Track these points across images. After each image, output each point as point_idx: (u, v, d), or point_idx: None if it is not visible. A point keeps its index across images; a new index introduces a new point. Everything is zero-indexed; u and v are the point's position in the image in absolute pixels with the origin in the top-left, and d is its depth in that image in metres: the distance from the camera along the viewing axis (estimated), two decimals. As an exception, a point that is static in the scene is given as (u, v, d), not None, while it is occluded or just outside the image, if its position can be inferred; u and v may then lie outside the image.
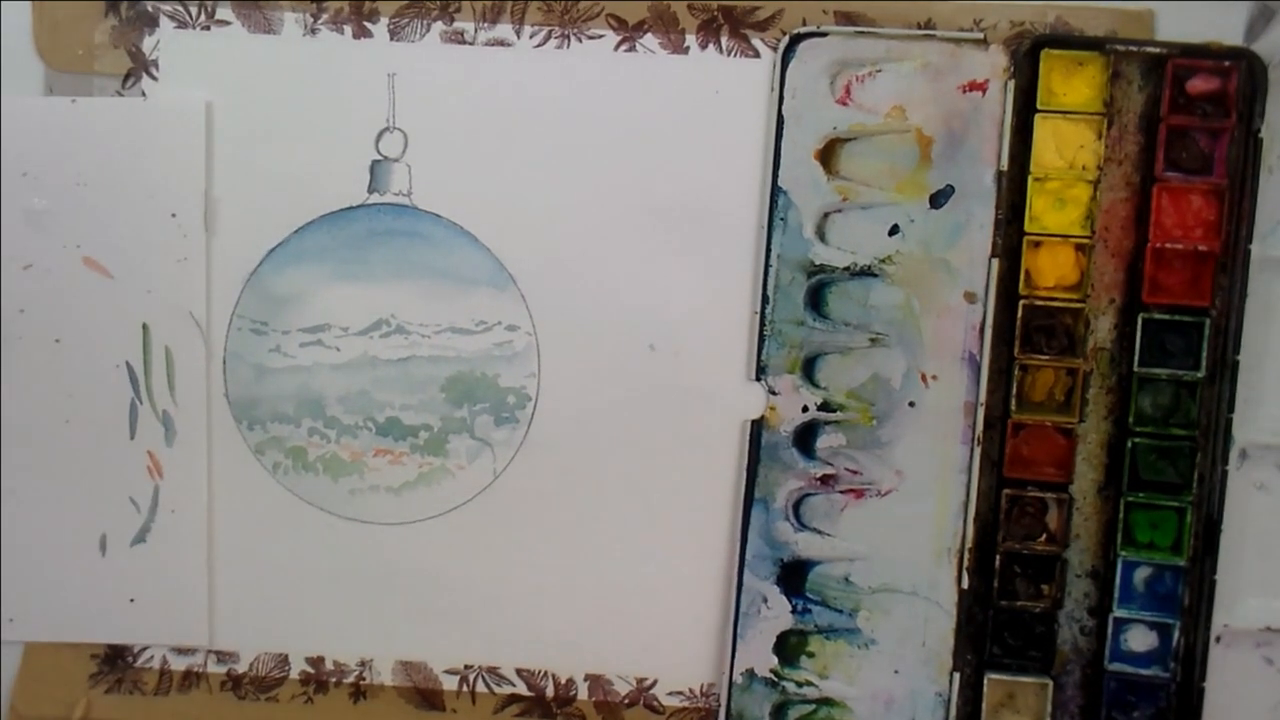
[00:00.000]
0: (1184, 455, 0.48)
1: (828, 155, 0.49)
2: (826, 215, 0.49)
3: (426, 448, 0.50)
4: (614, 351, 0.50)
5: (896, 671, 0.50)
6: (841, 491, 0.49)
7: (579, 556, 0.50)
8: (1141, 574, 0.48)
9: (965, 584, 0.49)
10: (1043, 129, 0.48)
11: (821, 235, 0.49)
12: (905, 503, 0.49)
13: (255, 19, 0.49)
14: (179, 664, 0.51)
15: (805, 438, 0.49)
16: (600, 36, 0.49)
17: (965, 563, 0.49)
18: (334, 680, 0.51)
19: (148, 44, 0.49)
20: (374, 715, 0.51)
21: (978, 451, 0.49)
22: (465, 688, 0.51)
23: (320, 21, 0.49)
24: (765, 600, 0.50)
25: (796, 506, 0.50)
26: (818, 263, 0.49)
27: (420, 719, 0.51)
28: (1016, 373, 0.48)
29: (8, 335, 0.50)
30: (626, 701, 0.51)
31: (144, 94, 0.49)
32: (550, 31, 0.49)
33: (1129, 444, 0.48)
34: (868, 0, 0.48)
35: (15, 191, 0.49)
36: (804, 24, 0.48)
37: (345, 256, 0.50)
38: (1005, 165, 0.48)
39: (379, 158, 0.49)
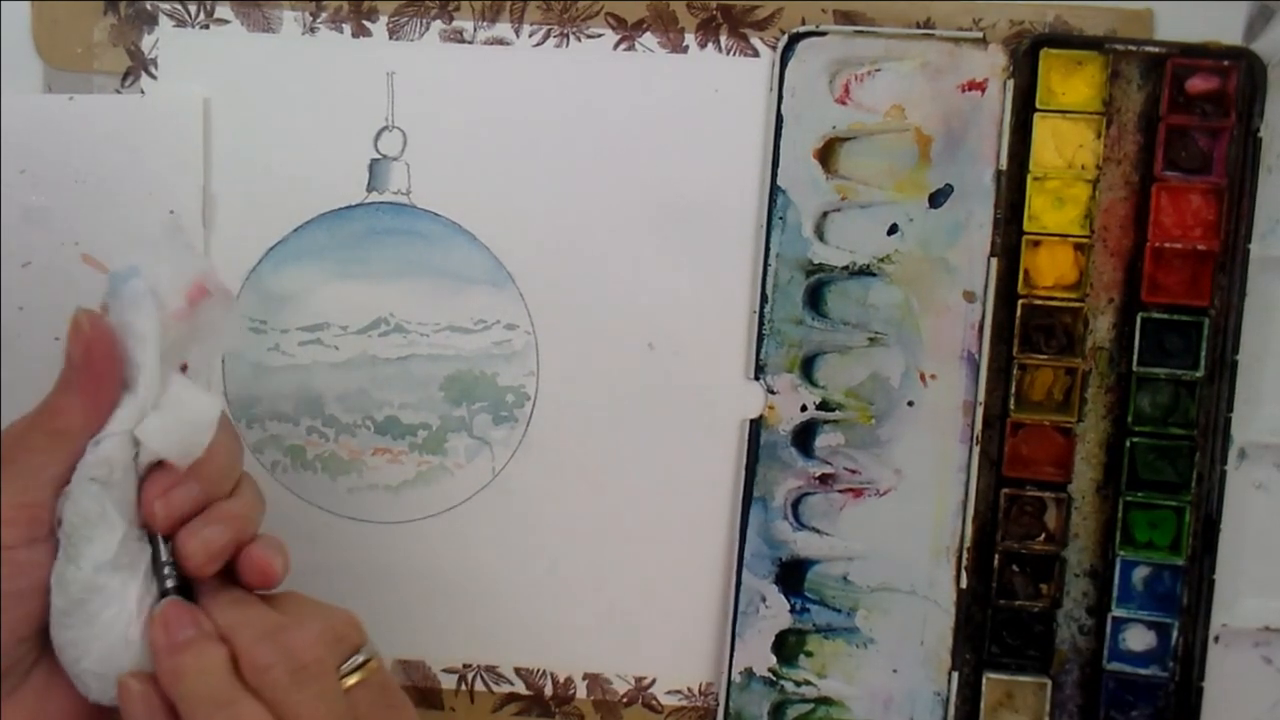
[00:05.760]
0: (1183, 455, 0.48)
1: (827, 154, 0.49)
2: (825, 214, 0.49)
3: (425, 446, 0.50)
4: (613, 350, 0.50)
5: (895, 671, 0.50)
6: (840, 490, 0.49)
7: (577, 555, 0.50)
8: (1140, 573, 0.48)
9: (964, 583, 0.49)
10: (1042, 128, 0.48)
11: (820, 234, 0.49)
12: (904, 502, 0.49)
13: (254, 17, 0.49)
14: (177, 662, 0.51)
15: (804, 437, 0.49)
16: (599, 35, 0.49)
17: (964, 562, 0.49)
18: (332, 679, 0.51)
19: (147, 42, 0.49)
20: (372, 714, 0.51)
21: (976, 451, 0.49)
22: (464, 687, 0.51)
23: (319, 20, 0.49)
24: (764, 599, 0.50)
25: (795, 505, 0.49)
26: (816, 262, 0.49)
27: (419, 718, 0.51)
28: (1015, 372, 0.48)
29: (7, 333, 0.50)
30: (625, 700, 0.51)
31: (143, 92, 0.49)
32: (549, 30, 0.49)
33: (1128, 443, 0.48)
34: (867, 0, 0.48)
35: (14, 189, 0.49)
36: (803, 23, 0.48)
37: (344, 255, 0.50)
38: (1004, 164, 0.48)
39: (378, 156, 0.49)
